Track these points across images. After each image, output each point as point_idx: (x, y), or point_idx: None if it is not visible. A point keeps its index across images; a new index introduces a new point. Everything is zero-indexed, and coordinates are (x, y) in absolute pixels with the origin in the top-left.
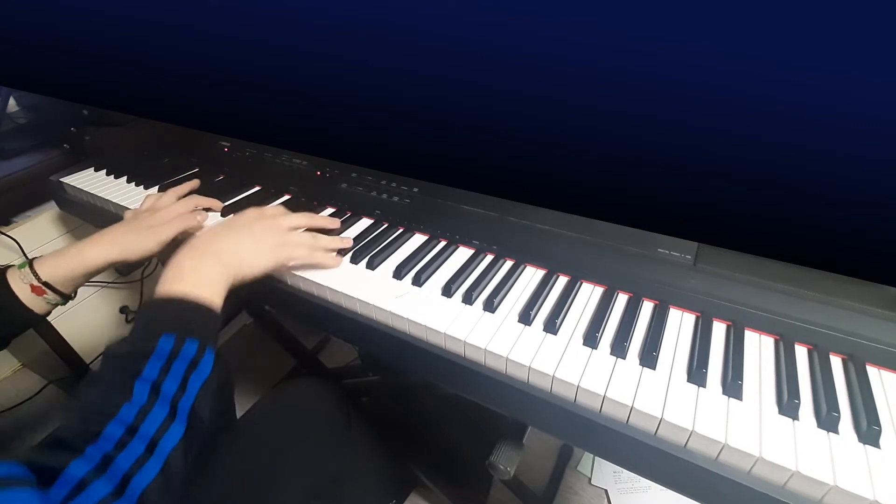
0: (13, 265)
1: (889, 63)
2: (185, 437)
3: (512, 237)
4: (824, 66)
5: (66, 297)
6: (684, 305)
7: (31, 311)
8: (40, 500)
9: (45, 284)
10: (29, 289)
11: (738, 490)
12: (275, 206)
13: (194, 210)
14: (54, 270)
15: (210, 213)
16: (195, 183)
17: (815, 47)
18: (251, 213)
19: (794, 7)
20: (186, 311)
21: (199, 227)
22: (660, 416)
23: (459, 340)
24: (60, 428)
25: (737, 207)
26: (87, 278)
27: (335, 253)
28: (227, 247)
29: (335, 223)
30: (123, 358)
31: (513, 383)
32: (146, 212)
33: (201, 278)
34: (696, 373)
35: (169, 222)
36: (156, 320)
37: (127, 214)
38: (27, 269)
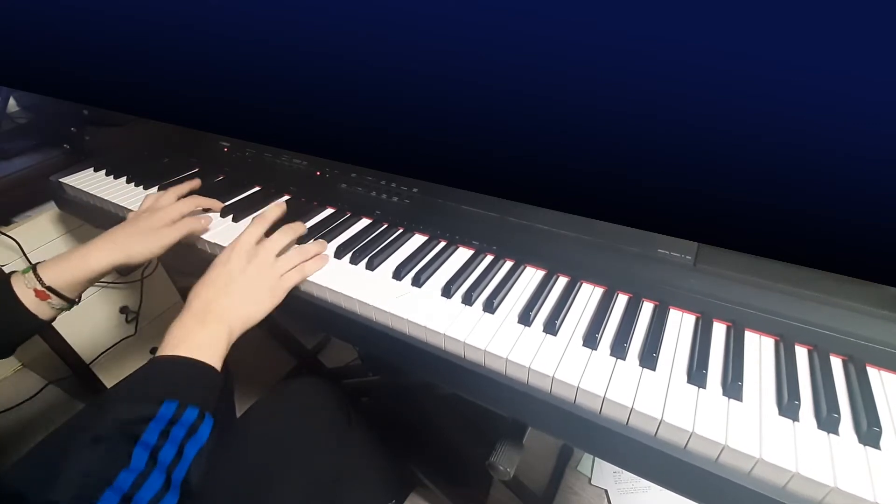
0: (17, 271)
1: (889, 63)
2: None
3: (512, 237)
4: (824, 66)
5: (70, 302)
6: (684, 306)
7: (36, 316)
8: None
9: (49, 289)
10: (33, 294)
11: (738, 491)
12: (252, 228)
13: (196, 210)
14: (58, 275)
15: (215, 218)
16: (196, 182)
17: (815, 47)
18: (236, 255)
19: (794, 7)
20: (189, 378)
21: (204, 231)
22: (660, 418)
23: (459, 341)
24: (56, 489)
25: (737, 207)
26: (92, 282)
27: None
28: (227, 304)
29: (322, 257)
30: (125, 421)
31: (512, 384)
32: (147, 212)
33: (203, 343)
34: (696, 374)
35: (172, 226)
36: (158, 384)
37: (129, 216)
38: (31, 274)
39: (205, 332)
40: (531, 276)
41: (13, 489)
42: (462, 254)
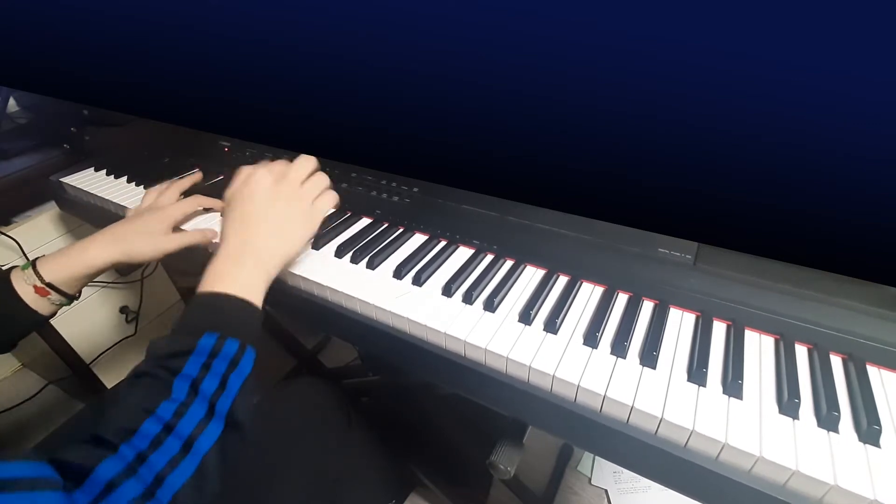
0: (17, 266)
1: (889, 63)
2: (223, 438)
3: (512, 237)
4: (824, 66)
5: (70, 298)
6: (684, 305)
7: (35, 312)
8: (65, 502)
9: (49, 285)
10: (33, 290)
11: (738, 489)
12: (280, 164)
13: (198, 210)
14: (58, 271)
15: (215, 218)
16: (198, 177)
17: (815, 47)
18: (262, 184)
19: (794, 7)
20: (227, 311)
21: (207, 243)
22: (660, 416)
23: (460, 340)
24: (99, 423)
25: (737, 207)
26: (91, 278)
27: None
28: (263, 243)
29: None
30: (164, 357)
31: (513, 383)
32: (149, 211)
33: (241, 280)
34: (697, 372)
35: (174, 235)
36: (197, 319)
37: (129, 213)
38: (30, 270)
39: (242, 271)
40: (531, 276)
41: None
42: (462, 253)
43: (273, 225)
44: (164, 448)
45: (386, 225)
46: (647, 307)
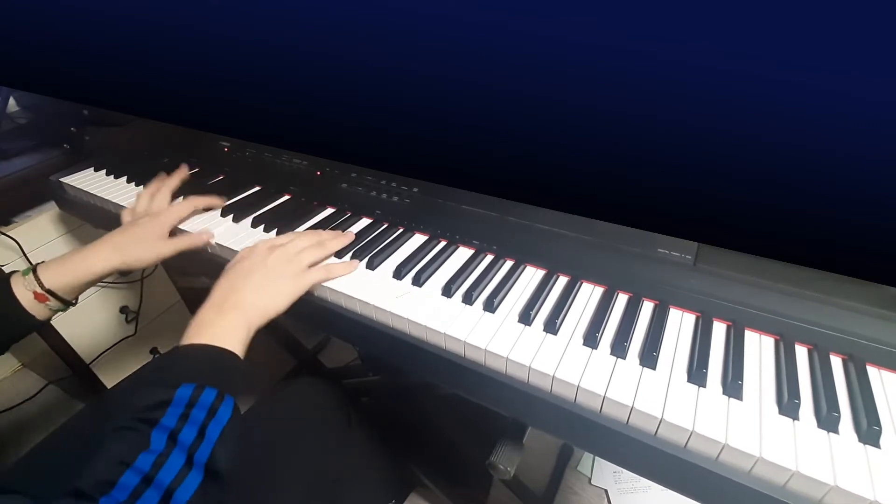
0: (17, 271)
1: (889, 63)
2: (203, 487)
3: (512, 237)
4: (824, 66)
5: (67, 304)
6: (684, 305)
7: (32, 317)
8: None
9: (49, 292)
10: (32, 295)
11: (738, 490)
12: (285, 235)
13: (196, 211)
14: (58, 278)
15: (215, 217)
16: (184, 173)
17: (815, 47)
18: (260, 248)
19: (794, 7)
20: (206, 362)
21: (205, 245)
22: (660, 417)
23: (459, 340)
24: (80, 476)
25: (737, 207)
26: (90, 285)
27: (348, 258)
28: (246, 296)
29: (347, 239)
30: (142, 409)
31: (513, 383)
32: (146, 217)
33: (221, 331)
34: (697, 373)
35: (171, 239)
36: (176, 370)
37: (125, 217)
38: (31, 276)
39: (223, 321)
40: (531, 276)
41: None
42: (462, 253)
43: (259, 280)
44: (143, 500)
45: (386, 225)
46: (647, 307)
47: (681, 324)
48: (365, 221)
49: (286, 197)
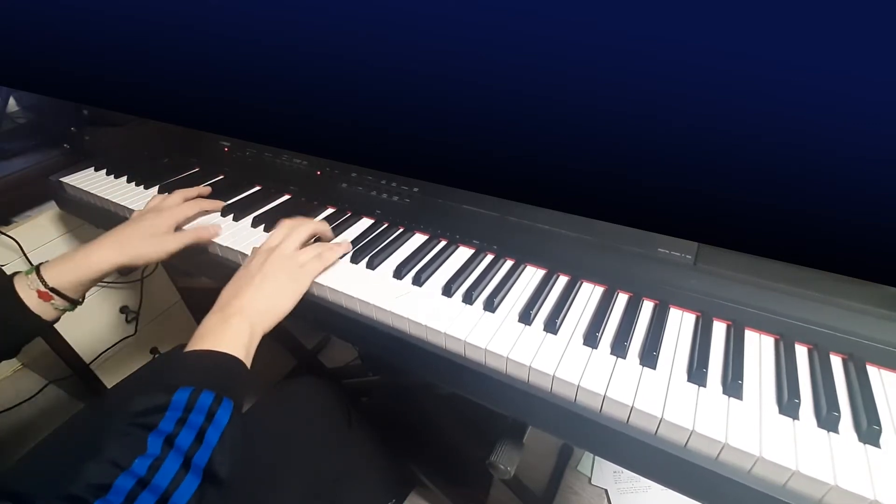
0: (20, 272)
1: (889, 63)
2: (200, 491)
3: (512, 237)
4: (824, 66)
5: (74, 303)
6: (684, 305)
7: (38, 317)
8: None
9: (53, 290)
10: (36, 295)
11: (738, 490)
12: (277, 232)
13: (200, 213)
14: (61, 276)
15: (215, 217)
16: (206, 189)
17: (815, 47)
18: (257, 257)
19: (794, 7)
20: (205, 366)
21: (210, 240)
22: (660, 416)
23: (460, 340)
24: (74, 480)
25: (737, 207)
26: (95, 283)
27: (347, 259)
28: (248, 302)
29: (325, 226)
30: (139, 413)
31: (513, 383)
32: (152, 213)
33: (224, 337)
34: (697, 372)
35: (177, 234)
36: (173, 375)
37: (133, 215)
38: (34, 275)
39: (226, 327)
40: (531, 276)
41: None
42: (462, 253)
43: (260, 282)
44: (139, 503)
45: (386, 225)
46: (647, 307)
47: (681, 323)
48: (365, 221)
49: (286, 197)
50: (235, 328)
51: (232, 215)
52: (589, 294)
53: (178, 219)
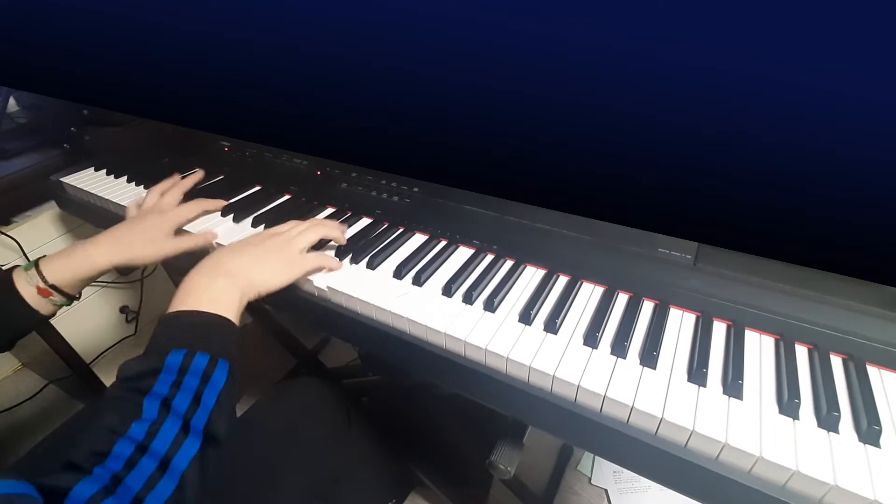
0: (19, 266)
1: (889, 63)
2: (201, 453)
3: (512, 237)
4: (824, 66)
5: (70, 298)
6: (684, 305)
7: (36, 312)
8: None
9: (52, 286)
10: (35, 291)
11: (738, 490)
12: (287, 224)
13: (201, 214)
14: (61, 272)
15: (215, 217)
16: (199, 175)
17: (815, 47)
18: (262, 234)
19: (794, 7)
20: (196, 327)
21: (209, 246)
22: (660, 416)
23: (460, 340)
24: (71, 450)
25: (737, 207)
26: (93, 280)
27: (347, 261)
28: (239, 265)
29: (341, 231)
30: (133, 378)
31: (513, 383)
32: (152, 213)
33: (212, 295)
34: (697, 372)
35: (176, 238)
36: (165, 338)
37: (130, 211)
38: (34, 270)
39: (214, 285)
40: (532, 276)
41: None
42: (462, 253)
43: (256, 251)
44: (139, 468)
45: (386, 225)
46: (648, 307)
47: (681, 323)
48: (365, 221)
49: (286, 197)
50: (224, 287)
51: (232, 215)
52: (589, 294)
53: (180, 221)
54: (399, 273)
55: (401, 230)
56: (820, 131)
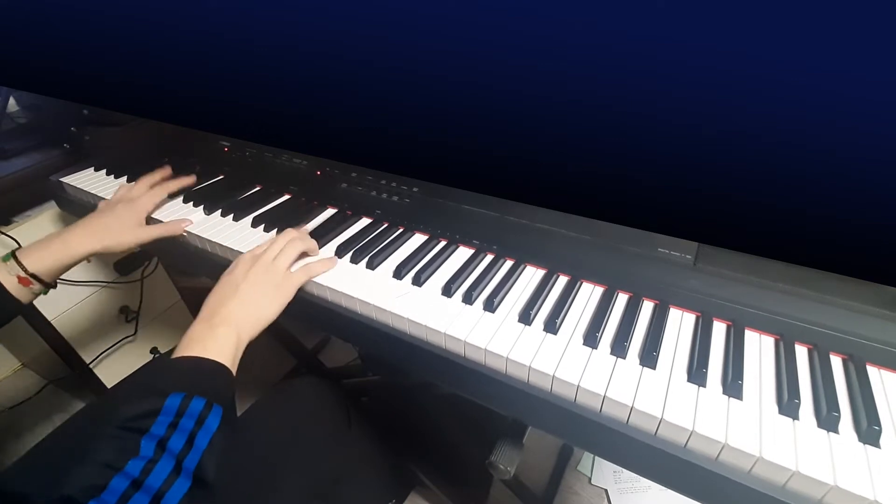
0: None
1: (889, 63)
2: (190, 494)
3: (512, 237)
4: (824, 66)
5: (48, 287)
6: (684, 305)
7: (18, 301)
8: None
9: (33, 276)
10: (16, 280)
11: (738, 490)
12: (264, 245)
13: (165, 199)
14: (40, 262)
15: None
16: (167, 171)
17: (815, 47)
18: (241, 264)
19: (794, 7)
20: (195, 372)
21: (179, 233)
22: (660, 416)
23: (459, 340)
24: (66, 482)
25: (737, 207)
26: (70, 268)
27: (332, 254)
28: (233, 310)
29: (314, 243)
30: (132, 418)
31: (513, 383)
32: (122, 203)
33: (210, 345)
34: (697, 372)
35: (148, 227)
36: (166, 380)
37: (101, 205)
38: (13, 261)
39: (212, 335)
40: (531, 276)
41: (22, 491)
42: (462, 253)
43: (245, 290)
44: (132, 503)
45: (386, 225)
46: (647, 307)
47: (681, 323)
48: (365, 221)
49: (286, 197)
50: (222, 337)
51: (232, 215)
52: (589, 294)
53: (148, 208)
54: (399, 273)
55: (401, 230)
56: (820, 131)
